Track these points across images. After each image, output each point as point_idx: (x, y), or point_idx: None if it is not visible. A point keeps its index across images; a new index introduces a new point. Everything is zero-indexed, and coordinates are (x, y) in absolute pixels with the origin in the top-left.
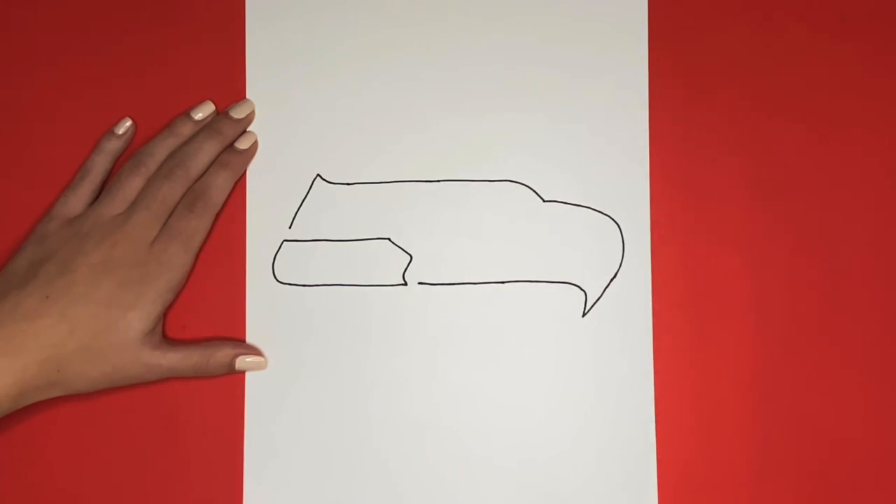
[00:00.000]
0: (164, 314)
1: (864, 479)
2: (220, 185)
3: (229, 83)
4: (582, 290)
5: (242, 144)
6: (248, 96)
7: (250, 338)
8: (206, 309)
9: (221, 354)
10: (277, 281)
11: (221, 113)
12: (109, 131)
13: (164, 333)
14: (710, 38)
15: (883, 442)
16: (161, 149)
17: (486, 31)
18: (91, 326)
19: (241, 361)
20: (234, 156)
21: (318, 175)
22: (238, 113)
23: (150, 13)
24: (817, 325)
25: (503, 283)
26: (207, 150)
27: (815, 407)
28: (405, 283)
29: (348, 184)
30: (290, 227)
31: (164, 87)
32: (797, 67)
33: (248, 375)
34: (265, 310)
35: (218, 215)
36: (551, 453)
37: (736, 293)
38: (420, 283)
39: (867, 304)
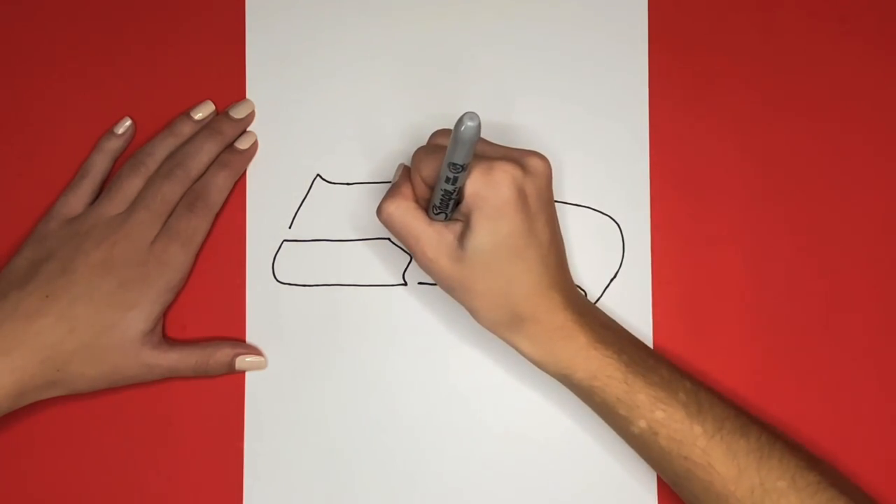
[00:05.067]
0: (164, 314)
1: (864, 478)
2: (220, 184)
3: (229, 83)
4: (582, 290)
5: (242, 144)
6: (248, 96)
7: (250, 338)
8: (206, 309)
9: (221, 354)
10: (277, 281)
11: (221, 113)
12: (109, 131)
13: (164, 333)
14: (711, 39)
15: (883, 441)
16: (161, 149)
17: (485, 32)
18: (91, 326)
19: (241, 361)
20: (234, 156)
21: (318, 175)
22: (238, 113)
23: (150, 13)
24: (817, 325)
25: None
26: (207, 150)
27: (815, 406)
28: (405, 283)
29: (348, 184)
30: (290, 227)
31: (164, 87)
32: (797, 67)
33: (248, 375)
34: (265, 310)
35: (218, 215)
36: (551, 453)
37: (736, 293)
38: (420, 283)
39: (867, 304)
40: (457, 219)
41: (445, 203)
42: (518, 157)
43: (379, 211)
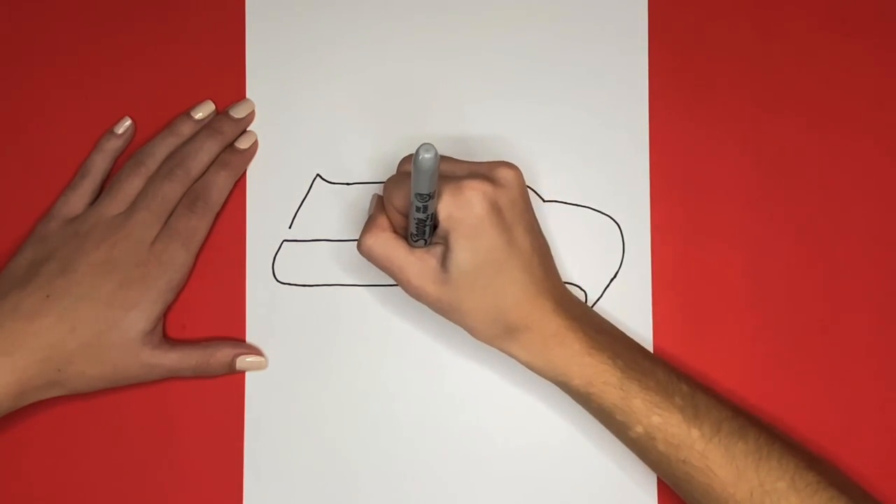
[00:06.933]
0: (165, 314)
1: (864, 477)
2: (220, 184)
3: (229, 83)
4: (582, 290)
5: (242, 144)
6: (248, 96)
7: (250, 338)
8: (206, 309)
9: (221, 354)
10: (277, 281)
11: (221, 112)
12: (109, 131)
13: (165, 333)
14: (711, 38)
15: (884, 441)
16: (161, 148)
17: (486, 32)
18: (91, 326)
19: (241, 361)
20: (234, 155)
21: (318, 175)
22: (238, 113)
23: (150, 13)
24: (817, 325)
25: None
26: (207, 150)
27: (815, 406)
28: None
29: (348, 184)
30: (290, 227)
31: (164, 87)
32: (797, 67)
33: (248, 375)
34: (265, 310)
35: (218, 215)
36: (551, 454)
37: (736, 293)
38: None
39: (868, 304)
40: (437, 242)
41: (421, 230)
42: (486, 172)
43: (359, 245)
